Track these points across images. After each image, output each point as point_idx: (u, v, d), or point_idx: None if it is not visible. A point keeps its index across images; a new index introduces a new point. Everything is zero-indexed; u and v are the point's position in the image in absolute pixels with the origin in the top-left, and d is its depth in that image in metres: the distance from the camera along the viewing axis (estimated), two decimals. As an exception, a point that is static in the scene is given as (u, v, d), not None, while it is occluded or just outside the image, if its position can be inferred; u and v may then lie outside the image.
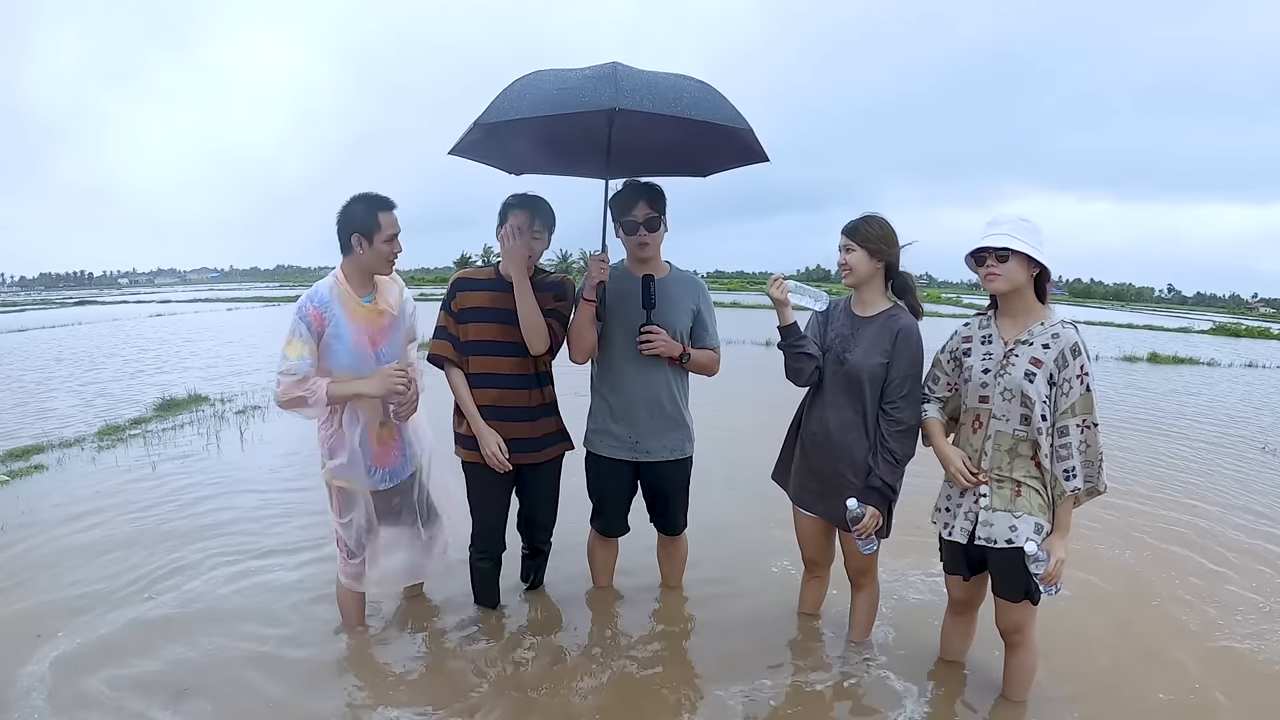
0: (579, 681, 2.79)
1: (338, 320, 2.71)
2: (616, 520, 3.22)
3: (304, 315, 2.67)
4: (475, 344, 2.92)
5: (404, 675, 2.81)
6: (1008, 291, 2.40)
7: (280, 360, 2.66)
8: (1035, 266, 2.35)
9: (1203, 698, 2.77)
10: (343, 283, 2.75)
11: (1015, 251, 2.32)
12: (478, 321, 2.91)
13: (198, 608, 3.30)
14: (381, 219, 2.70)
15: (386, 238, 2.72)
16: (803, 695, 2.73)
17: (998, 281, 2.38)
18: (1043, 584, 2.35)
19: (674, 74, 2.67)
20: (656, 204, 2.92)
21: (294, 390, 2.62)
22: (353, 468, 2.79)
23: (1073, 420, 2.33)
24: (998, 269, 2.36)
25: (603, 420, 3.08)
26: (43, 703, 2.61)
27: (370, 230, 2.70)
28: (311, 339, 2.67)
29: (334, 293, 2.73)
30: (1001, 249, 2.33)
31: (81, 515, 4.47)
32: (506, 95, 2.52)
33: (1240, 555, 4.14)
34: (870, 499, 2.63)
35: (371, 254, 2.72)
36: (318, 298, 2.71)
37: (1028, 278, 2.38)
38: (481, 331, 2.91)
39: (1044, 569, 2.31)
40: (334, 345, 2.71)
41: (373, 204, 2.71)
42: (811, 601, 3.21)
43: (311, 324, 2.68)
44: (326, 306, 2.70)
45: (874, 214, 2.68)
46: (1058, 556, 2.32)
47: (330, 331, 2.70)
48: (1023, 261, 2.34)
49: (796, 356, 2.72)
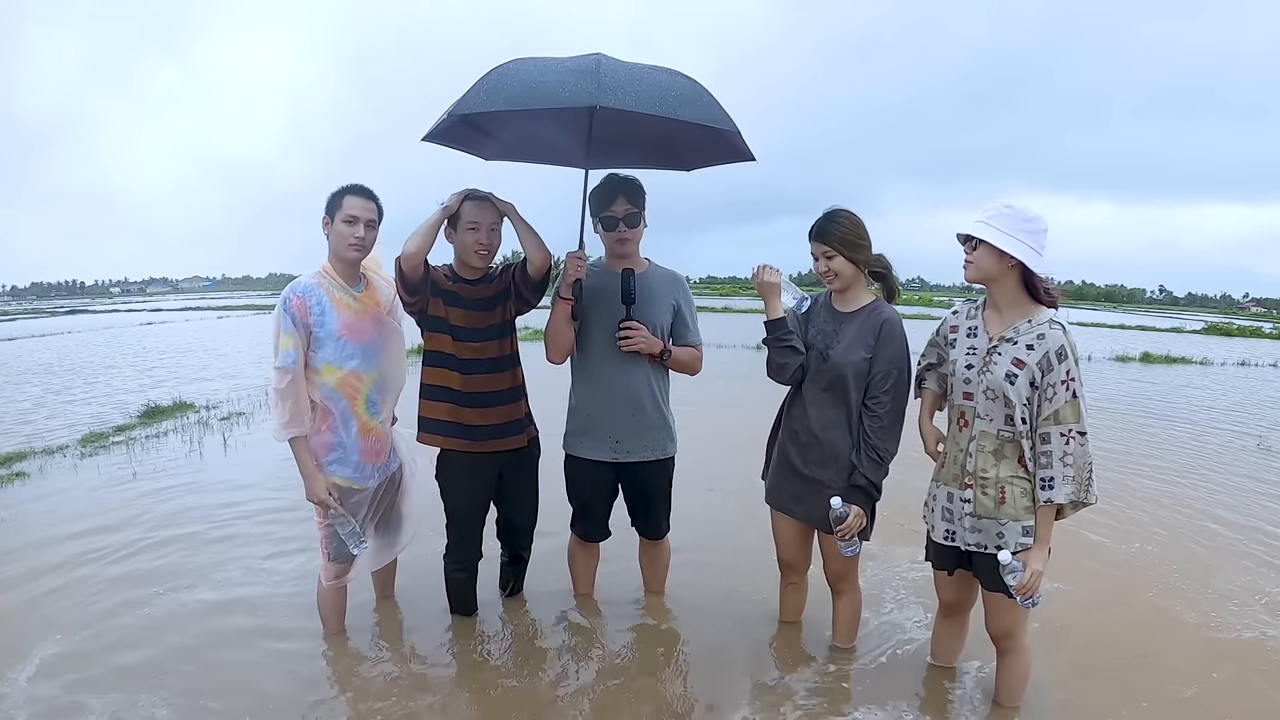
0: (559, 692, 2.71)
1: (323, 307, 2.66)
2: (597, 524, 3.13)
3: (288, 308, 2.62)
4: (435, 319, 2.84)
5: (379, 688, 2.73)
6: (981, 281, 2.30)
7: (274, 354, 2.64)
8: (1011, 259, 2.21)
9: (1204, 691, 2.71)
10: (329, 272, 2.72)
11: (985, 241, 2.21)
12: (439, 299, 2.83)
13: (176, 614, 3.23)
14: (346, 200, 2.67)
15: (346, 218, 2.66)
16: (788, 705, 2.64)
17: (969, 270, 2.29)
18: (1018, 596, 2.25)
19: (660, 68, 2.58)
20: (636, 199, 2.85)
21: (286, 391, 2.61)
22: (346, 465, 2.76)
23: (1055, 428, 2.20)
24: (969, 256, 2.28)
25: (582, 421, 3.00)
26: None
27: (333, 211, 2.67)
28: (297, 331, 2.62)
29: (319, 282, 2.69)
30: (968, 236, 2.25)
31: (62, 521, 4.40)
32: (483, 85, 2.43)
33: (1238, 548, 4.09)
34: (854, 498, 2.55)
35: (332, 234, 2.69)
36: (300, 287, 2.67)
37: (1003, 270, 2.25)
38: (449, 315, 2.83)
39: (1018, 580, 2.22)
40: (319, 334, 2.67)
41: (346, 189, 2.69)
42: (792, 609, 3.13)
43: (296, 315, 2.62)
44: (309, 293, 2.66)
45: (837, 209, 2.57)
46: (1033, 569, 2.22)
47: (314, 320, 2.65)
48: (993, 252, 2.22)
49: (781, 351, 2.64)
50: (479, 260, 2.81)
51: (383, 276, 2.90)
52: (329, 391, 2.70)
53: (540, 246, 2.81)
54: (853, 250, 2.54)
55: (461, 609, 3.14)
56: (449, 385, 2.84)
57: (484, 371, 2.86)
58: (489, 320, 2.86)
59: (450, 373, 2.84)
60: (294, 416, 2.65)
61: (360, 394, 2.75)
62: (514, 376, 2.95)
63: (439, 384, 2.85)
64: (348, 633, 3.04)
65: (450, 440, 2.88)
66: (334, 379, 2.69)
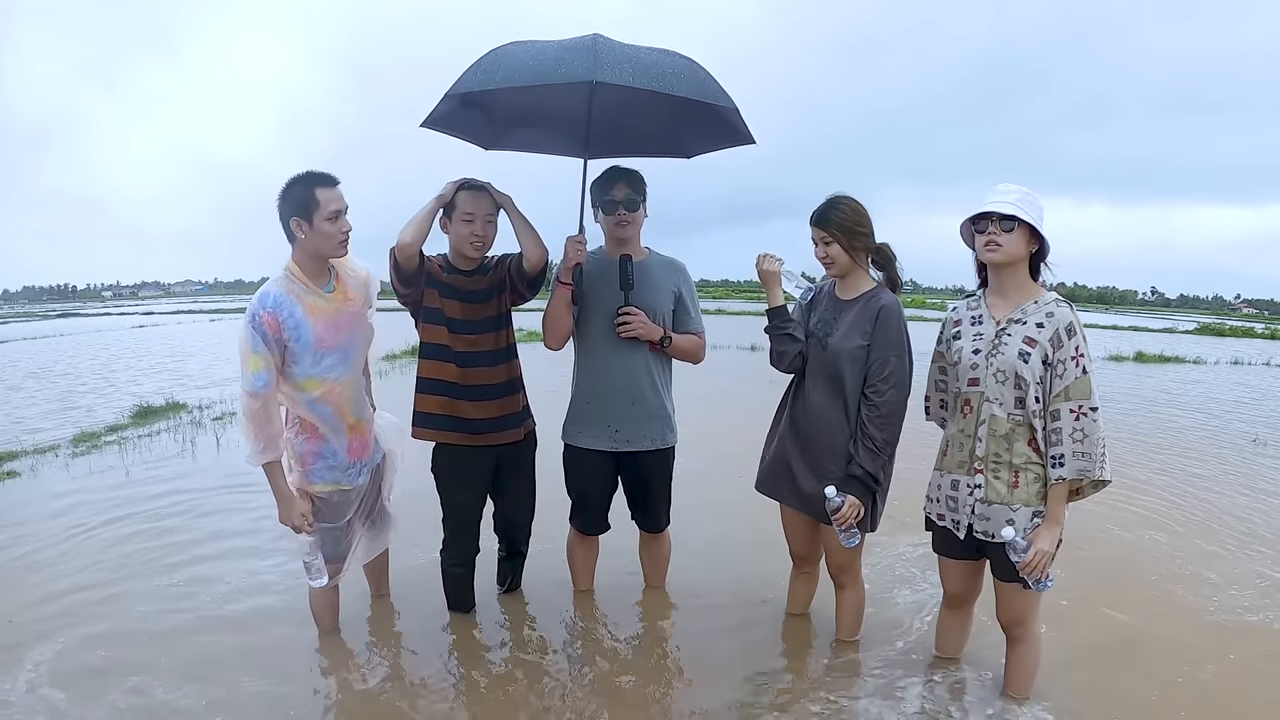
0: (559, 688, 2.66)
1: (297, 320, 2.48)
2: (597, 517, 3.08)
3: (257, 325, 2.42)
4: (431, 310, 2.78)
5: (375, 686, 2.68)
6: (1003, 265, 2.29)
7: (242, 377, 2.46)
8: (1034, 243, 2.25)
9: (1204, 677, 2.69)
10: (297, 277, 2.52)
11: (1021, 223, 2.20)
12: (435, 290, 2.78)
13: (168, 611, 3.17)
14: (320, 195, 2.44)
15: (329, 215, 2.46)
16: (792, 698, 2.60)
17: (997, 253, 2.26)
18: (1025, 574, 2.23)
19: (657, 48, 2.57)
20: (637, 188, 2.84)
21: (258, 415, 2.46)
22: (336, 470, 2.67)
23: (1065, 405, 2.20)
24: (1000, 239, 2.24)
25: (581, 410, 2.96)
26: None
27: (309, 210, 2.45)
28: (269, 350, 2.44)
29: (288, 289, 2.50)
30: (1008, 217, 2.22)
31: (54, 517, 4.37)
32: (480, 65, 2.42)
33: (1234, 538, 4.08)
34: (850, 488, 2.51)
35: (315, 236, 2.48)
36: (270, 301, 2.46)
37: (1026, 253, 2.27)
38: (444, 307, 2.77)
39: (1023, 558, 2.20)
40: (294, 347, 2.50)
41: (308, 181, 2.46)
42: (799, 600, 3.09)
43: (267, 332, 2.43)
44: (280, 307, 2.46)
45: (840, 196, 2.55)
46: (1038, 547, 2.20)
47: (289, 334, 2.47)
48: (1025, 235, 2.23)
49: (781, 339, 2.63)
50: (473, 252, 2.76)
51: (351, 267, 2.72)
52: (312, 402, 2.57)
53: (537, 242, 2.76)
54: (851, 237, 2.52)
55: (459, 605, 3.08)
56: (445, 378, 2.79)
57: (481, 364, 2.81)
58: (485, 312, 2.82)
59: (446, 365, 2.79)
60: (267, 442, 2.50)
61: (345, 396, 2.64)
62: (511, 369, 2.90)
63: (435, 377, 2.80)
64: (343, 631, 2.98)
65: (447, 434, 2.84)
66: (318, 391, 2.57)
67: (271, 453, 2.52)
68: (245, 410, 2.48)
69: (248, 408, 2.47)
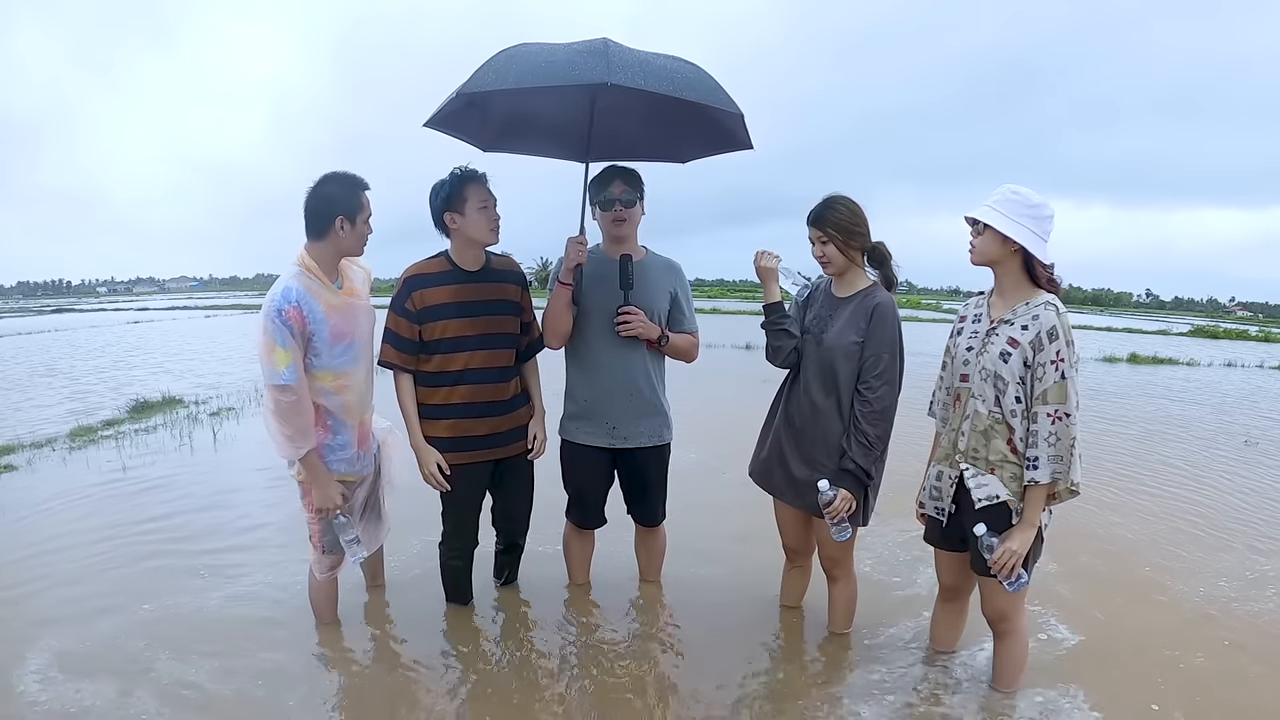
0: (556, 681, 2.69)
1: (316, 314, 2.52)
2: (593, 511, 3.12)
3: (284, 319, 2.44)
4: (444, 341, 2.76)
5: (374, 678, 2.71)
6: (984, 264, 2.34)
7: (268, 373, 2.46)
8: (1013, 244, 2.24)
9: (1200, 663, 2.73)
10: (314, 273, 2.55)
11: (991, 225, 2.24)
12: (443, 319, 2.75)
13: (168, 606, 3.20)
14: (364, 198, 2.59)
15: (368, 218, 2.60)
16: (786, 691, 2.65)
17: (972, 254, 2.33)
18: (995, 572, 2.28)
19: (665, 54, 2.59)
20: (634, 185, 2.87)
21: (290, 409, 2.48)
22: (346, 460, 2.72)
23: (1043, 408, 2.22)
24: (974, 240, 2.31)
25: (579, 406, 3.00)
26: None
27: (354, 211, 2.55)
28: (295, 343, 2.47)
29: (305, 283, 2.53)
30: (974, 219, 2.28)
31: (51, 512, 4.38)
32: (491, 65, 2.42)
33: (1223, 533, 4.13)
34: (843, 482, 2.56)
35: (353, 236, 2.58)
36: (294, 295, 2.48)
37: (1006, 254, 2.28)
38: (448, 329, 2.75)
39: (992, 555, 2.25)
40: (315, 343, 2.55)
41: (352, 184, 2.56)
42: (793, 593, 3.14)
43: (294, 326, 2.46)
44: (303, 300, 2.49)
45: (836, 196, 2.60)
46: (1008, 545, 2.25)
47: (312, 329, 2.51)
48: (996, 237, 2.26)
49: (777, 334, 2.68)
50: (495, 236, 2.78)
51: (354, 263, 2.76)
52: (327, 394, 2.62)
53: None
54: (847, 237, 2.57)
55: (457, 598, 3.12)
56: (451, 401, 2.81)
57: (492, 381, 2.83)
58: (504, 327, 2.85)
59: (456, 388, 2.79)
60: (302, 433, 2.53)
61: (354, 389, 2.69)
62: (518, 385, 2.95)
63: (440, 403, 2.81)
64: (342, 624, 3.01)
65: (456, 455, 2.84)
66: (332, 384, 2.62)
67: (307, 442, 2.56)
68: (275, 406, 2.48)
69: (278, 403, 2.48)
